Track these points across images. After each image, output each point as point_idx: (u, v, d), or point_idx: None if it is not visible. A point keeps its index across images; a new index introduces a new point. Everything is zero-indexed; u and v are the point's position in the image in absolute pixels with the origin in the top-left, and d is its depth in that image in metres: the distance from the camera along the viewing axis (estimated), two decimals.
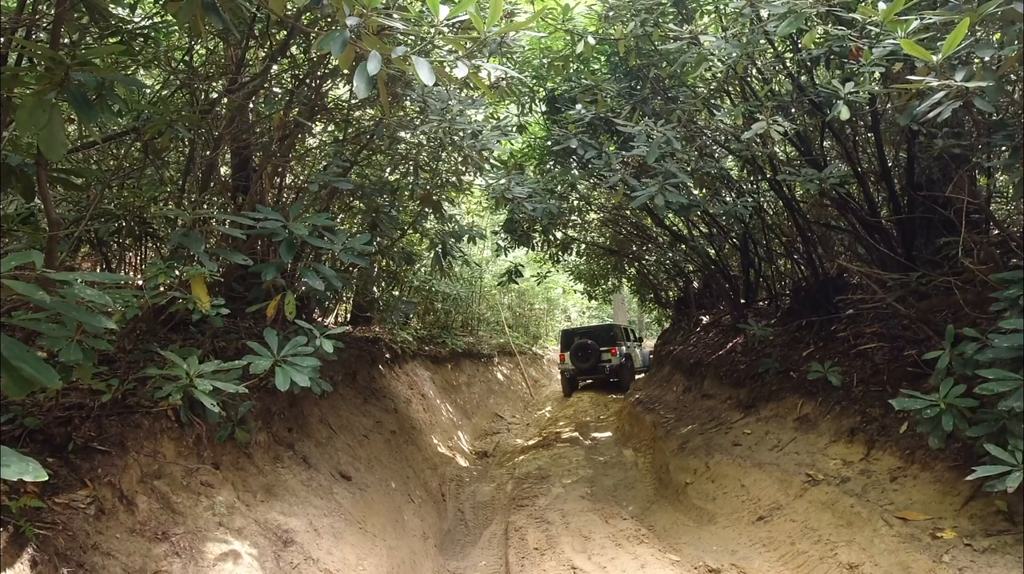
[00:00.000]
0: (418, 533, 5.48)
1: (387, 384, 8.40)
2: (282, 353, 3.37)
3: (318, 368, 3.44)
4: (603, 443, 9.75)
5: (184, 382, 2.67)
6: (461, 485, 7.93)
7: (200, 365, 2.86)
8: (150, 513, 2.56)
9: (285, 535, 3.23)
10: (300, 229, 3.49)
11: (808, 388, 5.48)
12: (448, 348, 12.36)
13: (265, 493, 3.48)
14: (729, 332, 9.10)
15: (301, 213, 3.70)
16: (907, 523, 3.36)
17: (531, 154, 9.30)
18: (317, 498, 3.94)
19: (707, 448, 6.11)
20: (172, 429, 3.06)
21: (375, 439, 6.27)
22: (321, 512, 3.81)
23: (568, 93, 7.15)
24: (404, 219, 8.10)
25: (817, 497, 4.14)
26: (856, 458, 4.23)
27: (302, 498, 3.76)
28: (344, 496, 4.32)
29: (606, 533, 4.82)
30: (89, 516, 2.21)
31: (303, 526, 3.46)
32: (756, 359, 7.05)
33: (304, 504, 3.72)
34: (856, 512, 3.69)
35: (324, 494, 4.08)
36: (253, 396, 4.02)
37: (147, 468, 2.74)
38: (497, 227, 9.45)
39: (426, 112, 4.61)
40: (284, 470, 3.89)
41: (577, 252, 12.04)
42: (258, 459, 3.71)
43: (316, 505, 3.84)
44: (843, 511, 3.79)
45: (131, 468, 2.64)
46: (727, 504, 5.03)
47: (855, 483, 3.98)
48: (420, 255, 10.02)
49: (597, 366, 14.19)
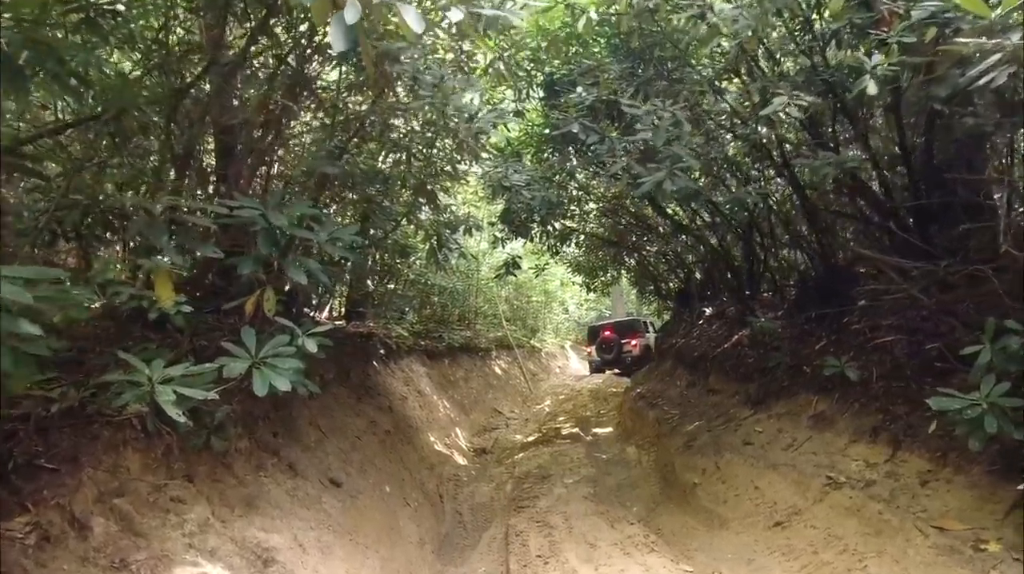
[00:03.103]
0: (414, 539, 5.21)
1: (382, 381, 8.11)
2: (261, 354, 3.08)
3: (302, 369, 3.15)
4: (604, 439, 9.50)
5: (145, 388, 2.37)
6: (459, 485, 7.67)
7: (167, 369, 2.57)
8: (107, 537, 2.27)
9: (266, 554, 2.95)
10: (280, 219, 3.18)
11: (823, 384, 5.20)
12: (445, 343, 12.06)
13: (245, 506, 3.19)
14: (734, 325, 8.83)
15: (283, 202, 3.39)
16: (944, 533, 3.10)
17: (528, 142, 8.98)
18: (303, 509, 3.65)
19: (716, 446, 5.85)
20: (137, 440, 2.76)
21: (369, 440, 5.99)
22: (307, 524, 3.52)
23: (567, 77, 6.83)
24: (398, 211, 7.79)
25: (840, 502, 3.87)
26: (880, 460, 3.96)
27: (287, 510, 3.48)
28: (334, 505, 4.03)
29: (612, 540, 4.56)
30: (29, 546, 1.92)
31: (287, 542, 3.18)
32: (764, 353, 6.77)
33: (289, 516, 3.43)
34: (885, 519, 3.42)
35: (311, 504, 3.79)
36: (234, 399, 3.72)
37: (105, 485, 2.45)
38: (494, 218, 9.13)
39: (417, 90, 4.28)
40: (267, 479, 3.60)
41: (576, 243, 11.74)
42: (238, 468, 3.42)
43: (302, 517, 3.55)
44: (870, 518, 3.53)
45: (85, 486, 2.34)
46: (740, 507, 4.77)
47: (881, 487, 3.71)
48: (415, 248, 9.71)
49: (620, 357, 15.82)
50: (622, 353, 15.70)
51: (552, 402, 14.86)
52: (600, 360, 16.54)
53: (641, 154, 4.96)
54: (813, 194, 6.88)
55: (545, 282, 21.85)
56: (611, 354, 15.97)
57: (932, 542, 3.05)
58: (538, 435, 10.21)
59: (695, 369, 8.60)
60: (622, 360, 15.63)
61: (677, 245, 11.31)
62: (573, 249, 12.72)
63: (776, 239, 8.14)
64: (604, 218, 11.41)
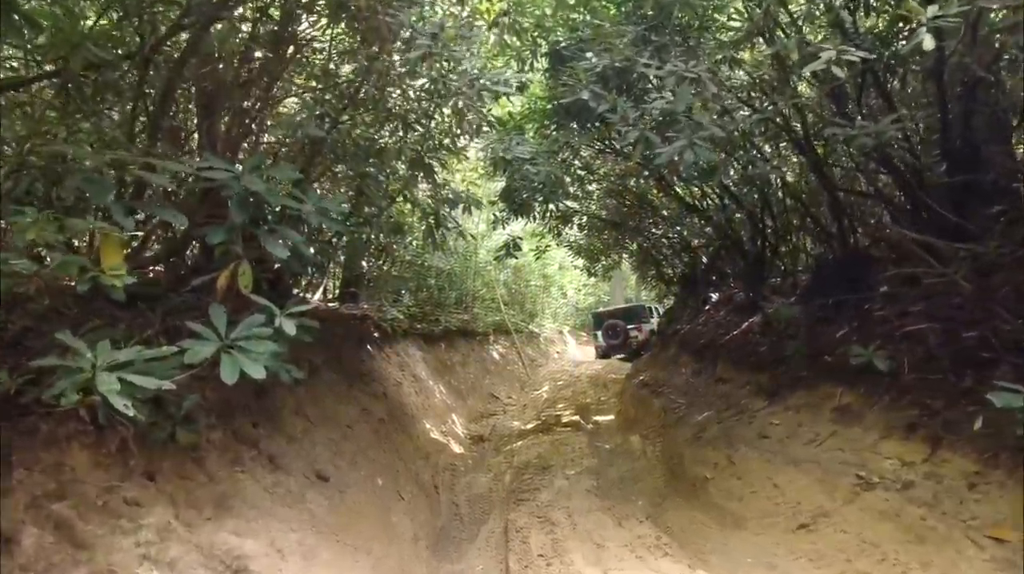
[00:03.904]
0: (408, 535, 4.88)
1: (376, 366, 7.75)
2: (232, 336, 2.70)
3: (280, 353, 2.78)
4: (606, 428, 9.19)
5: (84, 375, 2.00)
6: (456, 475, 7.34)
7: (116, 352, 2.19)
8: (39, 551, 1.91)
9: (236, 562, 2.60)
10: (257, 183, 2.78)
11: (846, 374, 4.85)
12: (442, 326, 11.70)
13: (215, 507, 2.83)
14: (742, 311, 8.47)
15: (262, 165, 2.99)
16: (1001, 544, 2.76)
17: (531, 117, 8.54)
18: (285, 508, 3.30)
19: (728, 439, 5.52)
20: (85, 434, 2.39)
21: (361, 429, 5.63)
22: (288, 526, 3.17)
23: (574, 46, 6.39)
24: (392, 187, 7.38)
25: (873, 504, 3.54)
26: (918, 459, 3.62)
27: (265, 510, 3.12)
28: (319, 502, 3.68)
29: (621, 540, 4.23)
30: None
31: (263, 547, 2.83)
32: (778, 341, 6.43)
33: (267, 517, 3.08)
34: (929, 526, 3.09)
35: (294, 502, 3.44)
36: (208, 387, 3.36)
37: (41, 488, 2.08)
38: (494, 197, 8.71)
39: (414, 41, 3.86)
40: (244, 475, 3.24)
41: (579, 225, 11.35)
42: (210, 463, 3.05)
43: (283, 517, 3.20)
44: (911, 524, 3.19)
45: (15, 491, 1.98)
46: (757, 505, 4.44)
47: (922, 489, 3.37)
48: (411, 226, 9.31)
49: (626, 342, 16.60)
50: (628, 338, 16.50)
51: (551, 388, 14.55)
52: (606, 345, 17.20)
53: (657, 124, 4.55)
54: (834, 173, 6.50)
55: (544, 266, 21.47)
56: (618, 339, 16.74)
57: (989, 555, 2.72)
58: (537, 423, 9.89)
59: (702, 357, 8.25)
60: (628, 345, 16.32)
61: (683, 228, 10.92)
62: (575, 231, 12.32)
63: (790, 221, 7.76)
64: (607, 199, 11.00)
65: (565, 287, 28.49)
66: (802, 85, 6.16)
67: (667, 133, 4.40)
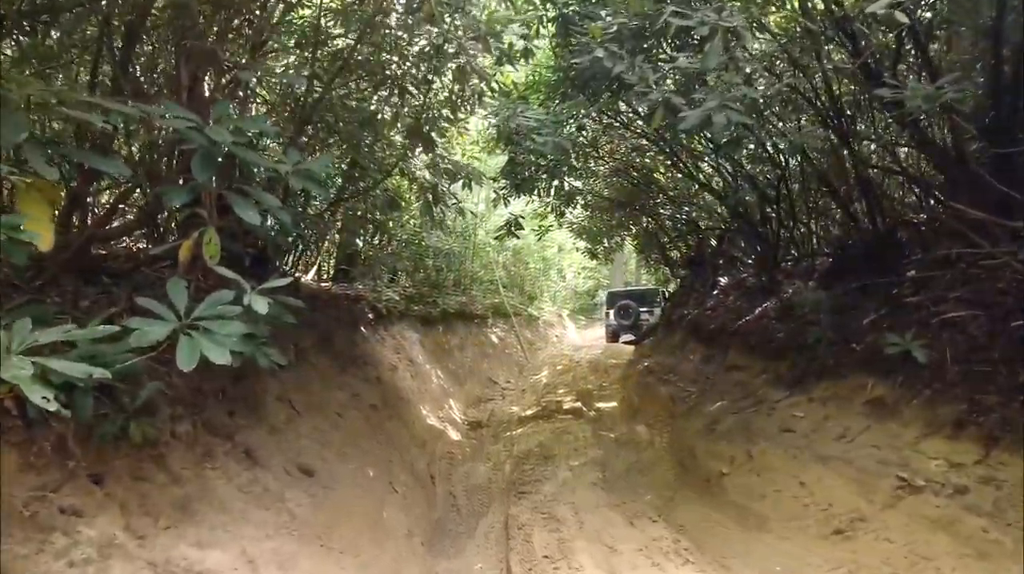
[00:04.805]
0: (402, 532, 4.51)
1: (370, 349, 7.35)
2: (193, 315, 2.29)
3: (250, 335, 2.37)
4: (609, 416, 8.84)
5: None
6: (453, 464, 6.99)
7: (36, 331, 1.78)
8: None
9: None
10: (223, 134, 2.34)
11: (877, 364, 4.47)
12: (439, 308, 11.29)
13: (177, 512, 2.44)
14: (756, 295, 8.08)
15: (228, 113, 2.55)
16: None
17: (536, 88, 8.05)
18: (261, 510, 2.91)
19: (746, 432, 5.15)
20: (13, 429, 1.99)
21: (352, 417, 5.25)
22: (264, 531, 2.78)
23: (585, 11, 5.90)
24: (388, 159, 6.93)
25: (920, 510, 3.17)
26: (969, 460, 3.25)
27: (237, 513, 2.74)
28: (301, 501, 3.30)
29: (634, 543, 3.87)
30: None
31: (231, 559, 2.44)
32: (798, 327, 6.03)
33: (238, 522, 2.69)
34: (992, 539, 2.73)
35: (272, 502, 3.06)
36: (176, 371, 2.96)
37: None
38: (495, 174, 8.26)
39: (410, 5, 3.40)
40: (215, 473, 2.85)
41: (583, 204, 10.91)
42: (173, 461, 2.66)
43: (257, 521, 2.82)
44: (970, 536, 2.83)
45: None
46: (782, 506, 4.08)
47: (978, 496, 3.01)
48: (408, 202, 8.85)
49: (637, 323, 16.45)
50: (639, 320, 16.43)
51: (550, 373, 14.21)
52: (617, 325, 17.19)
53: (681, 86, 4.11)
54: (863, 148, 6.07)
55: (544, 248, 21.06)
56: (629, 320, 16.71)
57: None
58: (537, 409, 9.54)
59: (712, 343, 7.87)
60: (639, 327, 16.21)
61: (691, 208, 10.50)
62: (579, 211, 11.88)
63: (810, 200, 7.33)
64: (613, 178, 10.55)
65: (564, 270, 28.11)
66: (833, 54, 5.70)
67: (693, 95, 3.96)
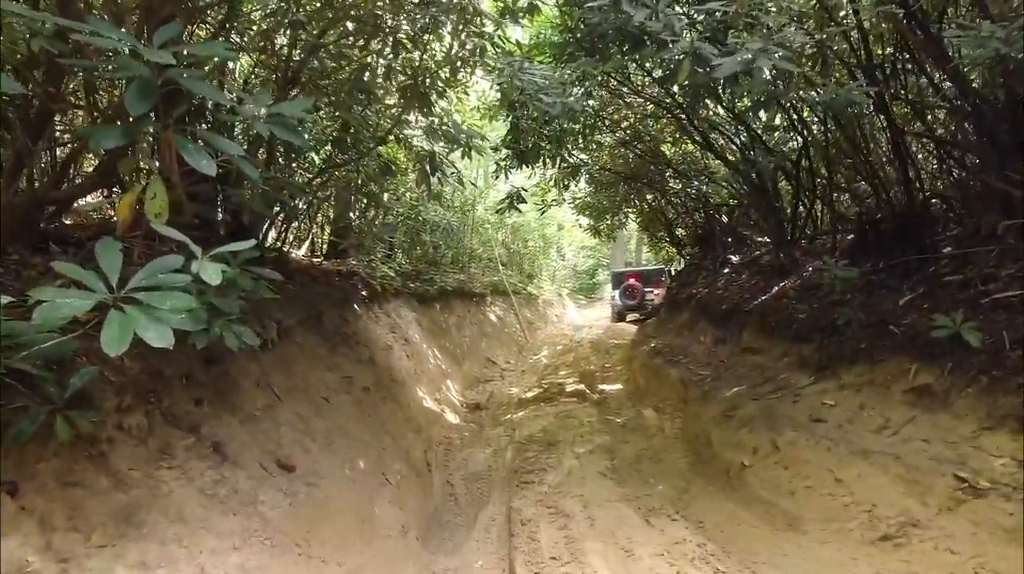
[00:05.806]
0: (395, 528, 4.12)
1: (363, 327, 6.90)
2: (129, 285, 1.83)
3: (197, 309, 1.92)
4: (615, 398, 8.45)
5: None
6: (451, 449, 6.60)
7: None
8: None
9: None
10: (163, 55, 1.85)
11: (920, 348, 4.05)
12: (436, 286, 10.84)
13: (118, 525, 2.01)
14: (772, 273, 7.65)
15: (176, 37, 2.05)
16: None
17: (540, 49, 7.51)
18: (226, 516, 2.49)
19: (769, 420, 4.75)
20: None
21: (341, 401, 4.83)
22: (228, 542, 2.36)
23: None
24: (382, 125, 6.41)
25: (987, 515, 2.77)
26: None
27: (195, 522, 2.31)
28: (277, 502, 2.87)
29: (654, 545, 3.47)
30: None
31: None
32: (822, 308, 5.61)
33: (197, 532, 2.27)
34: None
35: (241, 505, 2.63)
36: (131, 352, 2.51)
37: None
38: (496, 144, 7.75)
39: None
40: (171, 473, 2.41)
41: (588, 178, 10.40)
42: (119, 461, 2.22)
43: (221, 530, 2.39)
44: None
45: None
46: (816, 504, 3.68)
47: None
48: (403, 173, 8.34)
49: (642, 302, 16.70)
50: (645, 300, 16.63)
51: (550, 353, 13.84)
52: (623, 305, 17.30)
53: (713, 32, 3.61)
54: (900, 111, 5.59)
55: (544, 226, 20.57)
56: (635, 300, 16.88)
57: None
58: (539, 390, 9.15)
59: (725, 324, 7.44)
60: (644, 306, 16.38)
61: (700, 182, 10.00)
62: (582, 185, 11.38)
63: (834, 172, 6.84)
64: (619, 149, 10.03)
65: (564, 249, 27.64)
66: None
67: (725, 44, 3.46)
